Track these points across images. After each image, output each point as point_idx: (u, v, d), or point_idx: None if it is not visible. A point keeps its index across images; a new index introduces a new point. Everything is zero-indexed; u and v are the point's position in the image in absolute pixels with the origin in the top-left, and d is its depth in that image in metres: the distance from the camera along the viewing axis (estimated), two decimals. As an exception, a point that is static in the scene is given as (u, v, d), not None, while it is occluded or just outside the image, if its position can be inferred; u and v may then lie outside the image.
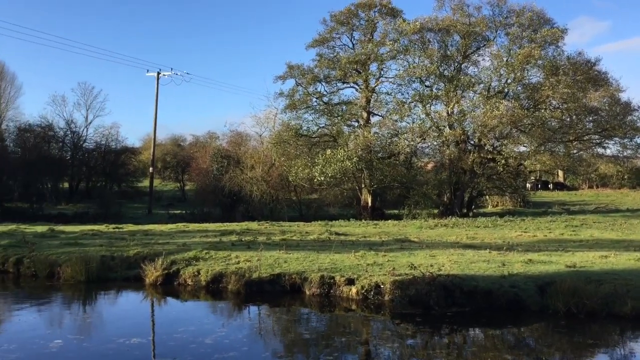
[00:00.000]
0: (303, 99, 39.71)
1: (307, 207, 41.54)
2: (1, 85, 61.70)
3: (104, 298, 14.76)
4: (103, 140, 50.69)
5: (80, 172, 49.30)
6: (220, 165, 41.49)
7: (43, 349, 9.83)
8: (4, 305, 13.85)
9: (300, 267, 14.64)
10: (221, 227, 26.51)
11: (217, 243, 19.20)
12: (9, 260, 16.68)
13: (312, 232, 24.22)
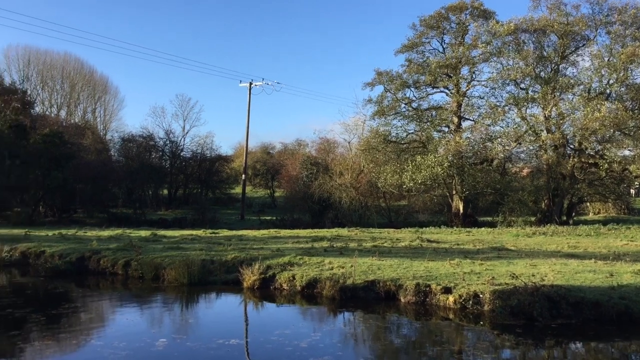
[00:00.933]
0: (392, 105, 39.47)
1: (396, 213, 41.17)
2: (106, 98, 66.29)
3: (205, 300, 15.35)
4: (199, 149, 52.98)
5: (178, 180, 51.73)
6: (309, 172, 42.09)
7: (150, 347, 10.38)
8: (114, 305, 14.76)
9: (394, 274, 14.53)
10: (312, 233, 26.86)
11: (310, 249, 19.46)
12: (118, 263, 17.77)
13: (403, 239, 23.96)
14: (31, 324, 12.46)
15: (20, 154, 34.19)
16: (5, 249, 19.72)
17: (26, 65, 58.12)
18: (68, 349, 10.88)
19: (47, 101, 59.86)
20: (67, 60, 62.17)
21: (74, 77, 62.43)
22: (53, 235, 23.41)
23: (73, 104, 62.75)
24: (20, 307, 13.92)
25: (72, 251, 19.02)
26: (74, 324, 12.90)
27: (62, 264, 18.20)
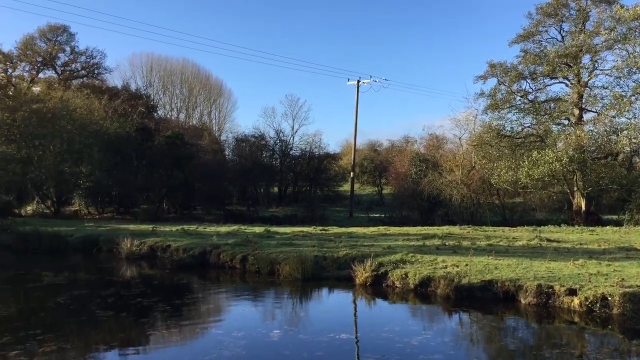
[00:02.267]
0: (506, 98, 37.86)
1: (510, 211, 39.45)
2: (220, 101, 69.60)
3: (317, 295, 15.66)
4: (307, 148, 54.00)
5: (287, 178, 53.12)
6: (418, 169, 41.45)
7: (265, 338, 10.91)
8: (232, 297, 15.46)
9: (513, 274, 13.93)
10: (422, 230, 26.44)
11: (421, 247, 19.17)
12: (235, 258, 18.57)
13: (520, 237, 22.91)
14: (158, 312, 13.41)
15: (146, 155, 36.78)
16: (136, 243, 21.32)
17: (149, 72, 62.43)
18: (191, 336, 11.59)
19: (168, 105, 63.98)
20: (185, 65, 66.04)
21: (192, 82, 66.13)
22: (176, 231, 24.95)
23: (191, 107, 66.51)
24: (148, 296, 15.01)
25: (195, 245, 20.15)
26: (195, 313, 13.72)
27: (186, 257, 19.36)
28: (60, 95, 37.46)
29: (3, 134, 34.68)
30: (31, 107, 35.13)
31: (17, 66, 43.40)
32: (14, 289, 16.43)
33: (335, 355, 9.88)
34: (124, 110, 41.10)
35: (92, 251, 22.76)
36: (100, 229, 25.96)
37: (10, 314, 12.94)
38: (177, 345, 10.98)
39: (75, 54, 49.09)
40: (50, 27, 47.10)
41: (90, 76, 50.24)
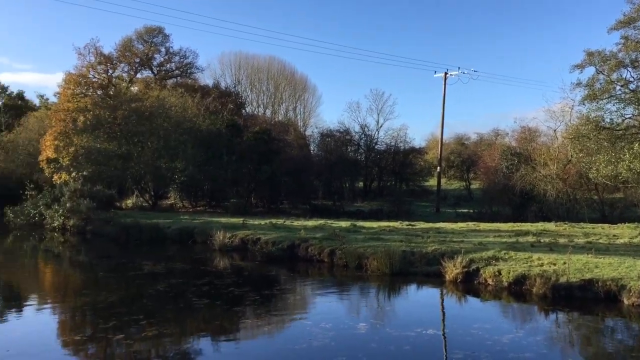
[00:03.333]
0: (605, 88, 35.57)
1: (610, 207, 37.17)
2: (305, 96, 70.49)
3: (405, 290, 15.55)
4: (392, 142, 53.54)
5: (372, 172, 52.99)
6: (509, 163, 39.94)
7: (352, 330, 11.08)
8: (320, 289, 15.68)
9: (615, 273, 13.16)
10: (514, 227, 25.53)
11: (514, 243, 18.52)
12: (324, 251, 18.79)
13: (621, 235, 21.60)
14: (248, 302, 13.88)
15: (235, 151, 38.00)
16: (227, 236, 22.11)
17: (237, 70, 64.30)
18: (281, 325, 11.91)
19: (255, 102, 65.62)
20: (271, 62, 67.44)
21: (278, 78, 67.44)
22: (265, 224, 25.61)
23: (277, 103, 67.85)
24: (239, 286, 15.55)
25: (284, 239, 20.60)
26: (284, 304, 14.06)
27: (275, 250, 19.84)
28: (156, 94, 39.45)
29: (105, 131, 37.02)
30: (130, 105, 37.28)
31: (117, 67, 45.99)
32: (118, 277, 17.55)
33: (423, 349, 9.85)
34: (214, 107, 42.64)
35: (188, 242, 23.87)
36: (194, 222, 27.13)
37: (115, 300, 13.84)
38: (267, 333, 11.32)
39: (170, 54, 51.50)
40: (147, 29, 49.68)
41: (184, 75, 52.53)
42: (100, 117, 36.63)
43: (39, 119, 49.14)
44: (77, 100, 37.52)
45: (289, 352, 9.79)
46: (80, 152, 35.48)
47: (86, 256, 23.02)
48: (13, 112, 64.96)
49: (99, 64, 39.33)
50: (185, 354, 9.95)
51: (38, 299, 15.06)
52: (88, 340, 10.47)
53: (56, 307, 13.92)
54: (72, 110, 36.81)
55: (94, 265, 20.41)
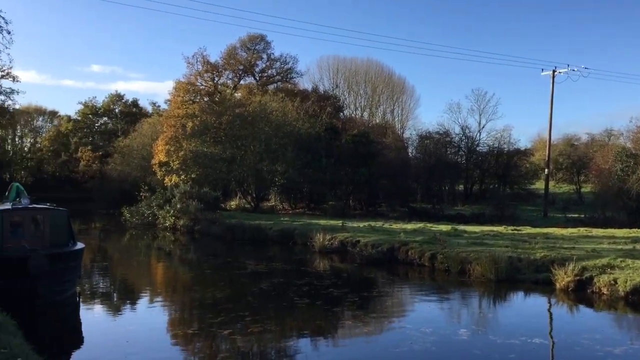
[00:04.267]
0: None
1: None
2: (403, 98, 69.78)
3: (510, 297, 14.93)
4: (495, 144, 51.62)
5: (473, 175, 51.41)
6: (624, 166, 37.17)
7: (453, 336, 10.82)
8: (419, 293, 15.39)
9: None
10: (630, 233, 23.77)
11: (631, 251, 17.21)
12: (424, 255, 18.46)
13: None
14: (347, 303, 13.92)
15: (333, 153, 38.40)
16: (327, 238, 22.35)
17: (335, 73, 64.93)
18: (380, 328, 11.86)
19: (352, 105, 65.91)
20: (369, 65, 67.45)
21: (375, 81, 67.31)
22: (363, 227, 25.63)
23: (374, 106, 67.71)
24: (339, 287, 15.65)
25: (383, 242, 20.48)
26: (383, 307, 13.98)
27: (374, 253, 19.78)
28: (258, 100, 40.77)
29: (211, 136, 38.81)
30: (234, 111, 38.80)
31: (222, 74, 48.17)
32: (223, 274, 18.29)
33: (529, 358, 9.41)
34: (313, 111, 43.33)
35: (288, 244, 24.41)
36: (294, 224, 27.70)
37: (223, 297, 14.43)
38: (366, 335, 11.29)
39: (271, 60, 53.00)
40: (250, 37, 51.50)
41: (284, 80, 53.86)
42: (207, 123, 38.45)
43: (152, 124, 52.49)
44: (186, 107, 39.68)
45: (389, 355, 9.71)
46: (188, 156, 37.46)
47: (194, 254, 24.22)
48: (128, 119, 69.96)
49: (206, 72, 41.35)
50: (285, 352, 10.16)
51: (151, 293, 16.05)
52: (196, 334, 10.99)
53: (167, 301, 14.75)
54: (181, 117, 38.98)
55: (201, 263, 21.41)
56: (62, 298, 12.65)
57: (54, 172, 68.71)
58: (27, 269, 10.97)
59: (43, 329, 9.89)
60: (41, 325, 10.22)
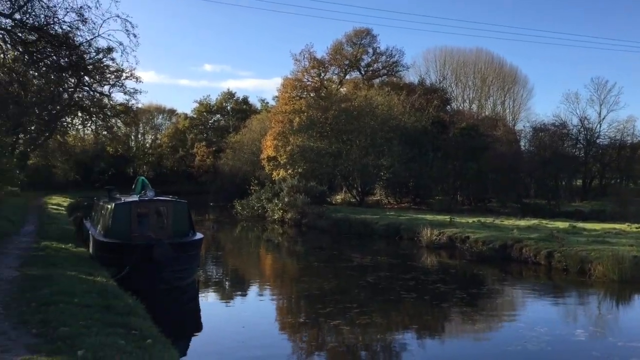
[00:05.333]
0: None
1: None
2: (515, 89, 66.64)
3: (634, 299, 13.92)
4: (617, 135, 48.02)
5: (593, 170, 48.18)
6: None
7: (570, 336, 10.35)
8: (533, 293, 14.67)
9: None
10: None
11: None
12: (540, 253, 17.54)
13: None
14: (455, 299, 13.60)
15: (440, 147, 37.64)
16: (435, 233, 21.94)
17: (442, 65, 63.36)
18: (490, 326, 11.49)
19: (460, 97, 64.02)
20: (478, 55, 65.12)
21: (485, 72, 64.86)
22: (472, 223, 24.87)
23: (483, 98, 65.32)
24: (446, 283, 15.33)
25: (494, 238, 19.74)
26: (493, 305, 13.50)
27: (485, 249, 19.15)
28: (364, 94, 40.85)
29: (318, 131, 39.47)
30: (340, 106, 39.17)
31: (328, 70, 48.87)
32: (331, 267, 18.57)
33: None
34: (420, 104, 42.68)
35: (394, 238, 24.26)
36: (400, 218, 27.48)
37: (330, 288, 14.65)
38: (475, 333, 11.01)
39: (377, 54, 52.91)
40: (356, 31, 51.72)
41: (390, 74, 53.55)
42: (313, 118, 39.15)
43: (260, 120, 54.37)
44: (293, 103, 40.67)
45: (501, 353, 9.45)
46: (295, 151, 38.37)
47: (302, 247, 24.80)
48: (239, 115, 73.00)
49: (312, 68, 42.10)
50: (391, 346, 10.14)
51: (261, 283, 16.68)
52: (304, 323, 11.27)
53: (276, 291, 15.27)
54: (288, 112, 40.02)
55: (308, 255, 21.88)
56: (183, 285, 13.49)
57: (172, 166, 73.23)
58: (152, 256, 11.84)
59: (166, 313, 10.61)
60: (164, 310, 10.96)
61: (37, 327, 7.05)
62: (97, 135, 48.24)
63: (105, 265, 12.84)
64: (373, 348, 9.96)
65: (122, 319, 7.53)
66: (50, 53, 16.51)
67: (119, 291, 9.74)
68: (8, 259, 12.86)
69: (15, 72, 17.04)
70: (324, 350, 9.79)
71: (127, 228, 13.63)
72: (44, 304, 8.08)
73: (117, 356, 5.86)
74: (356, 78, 52.14)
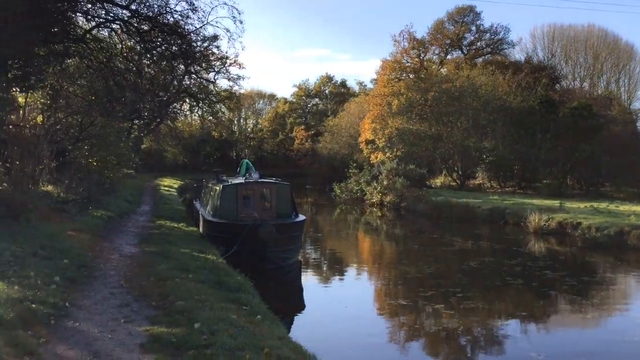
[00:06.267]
0: None
1: None
2: (631, 66, 61.55)
3: None
4: None
5: None
6: None
7: None
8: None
9: None
10: None
11: None
12: None
13: None
14: (565, 287, 12.98)
15: (549, 128, 35.62)
16: (544, 218, 20.91)
17: (550, 42, 59.76)
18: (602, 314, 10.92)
19: (570, 75, 60.16)
20: (590, 32, 60.74)
21: (597, 48, 60.42)
22: (585, 208, 23.45)
23: (596, 76, 60.97)
24: (555, 270, 14.62)
25: (609, 225, 18.51)
26: (606, 293, 12.77)
27: (599, 236, 18.01)
28: (466, 74, 39.50)
29: (417, 113, 38.76)
30: (440, 87, 38.17)
31: (428, 50, 47.59)
32: (429, 251, 18.30)
33: None
34: (526, 83, 40.59)
35: (499, 223, 23.41)
36: (505, 202, 26.47)
37: (431, 272, 14.44)
38: (585, 321, 10.48)
39: (480, 32, 50.84)
40: (458, 9, 49.98)
41: (494, 52, 51.30)
42: (412, 100, 38.48)
43: (359, 104, 54.25)
44: (391, 85, 40.16)
45: (615, 343, 8.91)
46: (394, 134, 37.96)
47: (401, 230, 24.61)
48: (337, 99, 73.33)
49: (412, 49, 41.26)
50: (493, 332, 9.88)
51: (360, 265, 16.79)
52: (403, 307, 11.21)
53: (375, 274, 15.34)
54: (387, 95, 39.59)
55: (407, 239, 21.69)
56: (286, 264, 13.86)
57: (272, 150, 75.13)
58: (258, 236, 12.24)
59: (271, 291, 10.95)
60: (270, 288, 11.31)
61: (156, 300, 7.54)
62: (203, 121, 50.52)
63: (215, 244, 13.46)
64: (475, 334, 9.74)
65: (233, 295, 7.87)
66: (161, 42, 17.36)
67: (228, 269, 10.18)
68: (128, 236, 13.85)
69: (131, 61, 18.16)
70: (425, 335, 9.71)
71: (234, 209, 14.17)
72: (161, 279, 8.63)
73: (230, 330, 6.12)
74: (458, 57, 50.48)
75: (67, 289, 7.73)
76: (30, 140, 17.66)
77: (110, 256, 10.79)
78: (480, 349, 9.17)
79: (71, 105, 19.28)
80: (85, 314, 6.76)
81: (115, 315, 6.78)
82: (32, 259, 9.05)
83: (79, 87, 19.49)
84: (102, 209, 17.89)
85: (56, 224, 13.31)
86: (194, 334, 5.93)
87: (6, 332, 5.39)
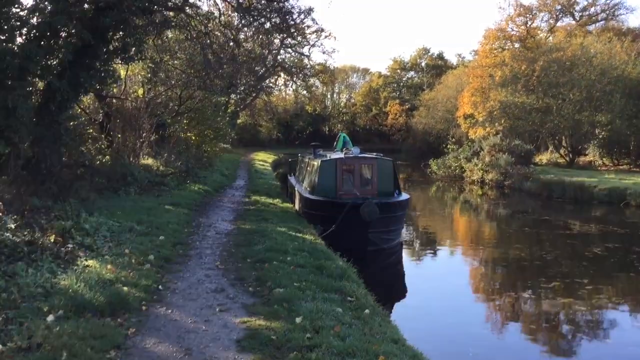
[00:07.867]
0: None
1: None
2: None
3: None
4: None
5: None
6: None
7: None
8: None
9: None
10: None
11: None
12: None
13: None
14: None
15: (675, 101, 31.96)
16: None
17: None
18: None
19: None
20: None
21: None
22: None
23: None
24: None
25: None
26: None
27: None
28: (579, 42, 36.17)
29: (522, 85, 36.05)
30: (550, 56, 35.16)
31: (536, 17, 44.12)
32: (541, 233, 16.68)
33: None
34: (648, 51, 36.61)
35: (619, 205, 21.10)
36: (624, 182, 23.92)
37: (552, 259, 12.94)
38: None
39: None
40: (571, -28, 45.89)
41: (610, 18, 46.79)
42: (517, 71, 35.85)
43: (457, 76, 51.67)
44: (494, 56, 37.66)
45: None
46: (495, 107, 35.59)
47: (505, 210, 22.84)
48: (434, 72, 70.56)
49: (519, 16, 38.45)
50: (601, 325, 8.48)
51: (461, 246, 15.54)
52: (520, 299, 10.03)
53: (469, 254, 14.25)
54: (489, 66, 37.17)
55: (512, 220, 20.06)
56: (388, 246, 12.93)
57: (364, 125, 73.87)
58: (359, 215, 11.21)
59: (373, 274, 10.12)
60: (371, 271, 10.48)
61: (253, 285, 6.94)
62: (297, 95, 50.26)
63: (311, 222, 12.76)
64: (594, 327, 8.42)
65: (335, 283, 7.09)
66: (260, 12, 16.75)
67: (328, 251, 9.42)
68: (224, 212, 13.51)
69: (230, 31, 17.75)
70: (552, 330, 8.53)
71: (333, 185, 13.32)
72: (258, 261, 8.04)
73: (336, 327, 5.34)
74: (568, 24, 46.55)
75: (161, 269, 7.33)
76: (132, 113, 17.88)
77: (206, 233, 10.40)
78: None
79: (171, 79, 19.35)
80: (178, 299, 6.25)
81: (210, 302, 6.22)
82: (128, 235, 8.78)
83: (178, 60, 19.48)
84: (200, 182, 17.87)
85: (154, 198, 13.23)
86: (295, 330, 5.20)
87: (93, 321, 4.92)
